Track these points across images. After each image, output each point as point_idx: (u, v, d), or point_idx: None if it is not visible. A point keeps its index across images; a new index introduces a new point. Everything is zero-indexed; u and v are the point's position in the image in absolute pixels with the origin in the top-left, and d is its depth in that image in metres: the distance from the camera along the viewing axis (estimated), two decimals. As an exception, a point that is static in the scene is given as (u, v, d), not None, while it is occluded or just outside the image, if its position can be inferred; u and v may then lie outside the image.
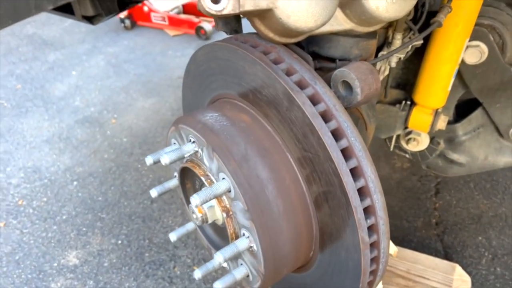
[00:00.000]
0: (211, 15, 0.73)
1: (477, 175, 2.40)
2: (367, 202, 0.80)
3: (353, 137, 0.79)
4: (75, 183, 2.59)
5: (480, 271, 1.94)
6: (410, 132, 1.50)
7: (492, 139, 1.47)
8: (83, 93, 3.49)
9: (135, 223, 2.31)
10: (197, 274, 1.00)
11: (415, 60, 1.35)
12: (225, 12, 0.72)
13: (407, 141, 1.51)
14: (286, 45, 0.88)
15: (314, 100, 0.80)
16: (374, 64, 1.03)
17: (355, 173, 0.79)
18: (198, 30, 4.02)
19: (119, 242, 2.20)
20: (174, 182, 1.10)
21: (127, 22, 4.40)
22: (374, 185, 0.79)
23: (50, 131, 3.04)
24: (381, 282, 1.77)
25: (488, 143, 1.48)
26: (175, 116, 3.12)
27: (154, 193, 1.07)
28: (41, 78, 3.73)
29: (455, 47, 1.18)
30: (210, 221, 0.98)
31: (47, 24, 4.69)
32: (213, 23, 4.04)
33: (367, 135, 1.17)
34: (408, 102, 1.35)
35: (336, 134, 0.79)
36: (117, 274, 2.04)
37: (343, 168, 0.77)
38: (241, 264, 0.97)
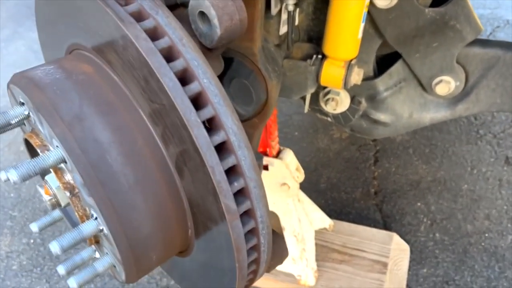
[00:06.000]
0: None
1: (416, 140, 2.32)
2: (231, 160, 0.63)
3: (206, 79, 0.61)
4: (-17, 180, 2.31)
5: (419, 238, 1.85)
6: (328, 92, 1.35)
7: (415, 94, 1.35)
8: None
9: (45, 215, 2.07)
10: (61, 270, 0.81)
11: (326, 10, 1.19)
12: None
13: (326, 102, 1.36)
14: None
15: (155, 35, 0.62)
16: (253, 2, 0.85)
17: (211, 125, 0.62)
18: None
19: (31, 241, 1.96)
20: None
21: (51, 4, 4.05)
22: (238, 138, 0.63)
23: (-42, 125, 2.72)
24: (314, 259, 1.64)
25: (412, 99, 1.36)
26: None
27: (2, 176, 0.87)
28: (-48, 68, 3.37)
29: (359, -15, 1.03)
30: (63, 204, 0.79)
31: (-38, 11, 4.26)
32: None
33: (264, 92, 1.01)
34: (320, 56, 1.20)
35: (184, 76, 0.62)
36: (27, 277, 1.81)
37: (192, 118, 0.59)
38: (106, 253, 0.79)
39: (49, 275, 1.81)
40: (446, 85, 1.27)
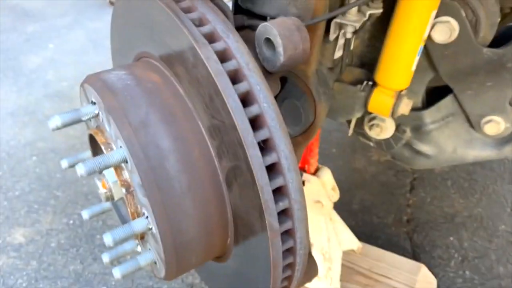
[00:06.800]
0: None
1: (455, 173, 2.28)
2: (279, 181, 0.67)
3: (266, 103, 0.66)
4: (34, 158, 2.46)
5: (447, 273, 1.82)
6: (374, 118, 1.37)
7: (462, 130, 1.34)
8: (57, 67, 3.35)
9: (91, 203, 2.18)
10: (105, 258, 0.88)
11: (382, 38, 1.21)
12: None
13: (370, 127, 1.37)
14: (205, -6, 0.75)
15: (224, 57, 0.67)
16: (313, 28, 0.89)
17: (265, 146, 0.66)
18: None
19: (71, 222, 2.07)
20: (88, 153, 0.97)
21: (112, -3, 4.24)
22: (288, 162, 0.67)
23: (17, 104, 2.91)
24: (338, 279, 1.65)
25: (458, 134, 1.35)
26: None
27: (64, 164, 0.95)
28: (17, 49, 3.59)
29: (419, 20, 1.05)
30: (116, 198, 0.85)
31: (31, -5, 4.53)
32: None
33: (312, 113, 1.04)
34: (370, 83, 1.22)
35: (246, 98, 0.66)
36: (63, 256, 1.92)
37: (249, 139, 0.64)
38: (149, 249, 0.85)
39: (84, 257, 1.91)
40: (496, 125, 1.26)
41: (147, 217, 0.74)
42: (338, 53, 1.15)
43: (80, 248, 1.95)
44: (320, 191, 1.52)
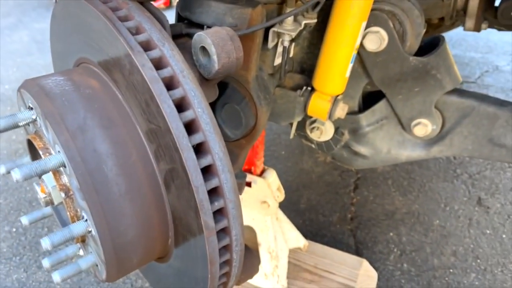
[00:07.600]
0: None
1: (396, 172, 2.42)
2: (214, 182, 0.71)
3: (200, 108, 0.69)
4: (-27, 164, 2.35)
5: (387, 266, 1.93)
6: (314, 121, 1.44)
7: (395, 132, 1.44)
8: (-1, 69, 3.22)
9: (36, 210, 2.12)
10: (45, 263, 0.88)
11: (320, 45, 1.28)
12: None
13: (311, 130, 1.45)
14: (142, 3, 0.77)
15: (159, 64, 0.70)
16: (251, 37, 0.94)
17: (200, 149, 0.70)
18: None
19: (14, 230, 2.01)
20: (27, 158, 0.97)
21: (59, -3, 4.12)
22: (222, 163, 0.71)
23: (-47, 107, 2.77)
24: (285, 277, 1.71)
25: (391, 136, 1.45)
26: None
27: (2, 169, 0.93)
28: (-47, 50, 3.41)
29: (351, 30, 1.12)
30: (56, 202, 0.86)
31: (-31, -6, 4.31)
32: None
33: (253, 117, 1.09)
34: (309, 88, 1.29)
35: (181, 104, 0.69)
36: (5, 265, 1.85)
37: (184, 142, 0.67)
38: (91, 252, 0.86)
39: (28, 265, 1.85)
40: (424, 127, 1.37)
41: (86, 220, 0.76)
42: (278, 60, 1.21)
43: (23, 257, 1.89)
44: (266, 192, 1.57)
